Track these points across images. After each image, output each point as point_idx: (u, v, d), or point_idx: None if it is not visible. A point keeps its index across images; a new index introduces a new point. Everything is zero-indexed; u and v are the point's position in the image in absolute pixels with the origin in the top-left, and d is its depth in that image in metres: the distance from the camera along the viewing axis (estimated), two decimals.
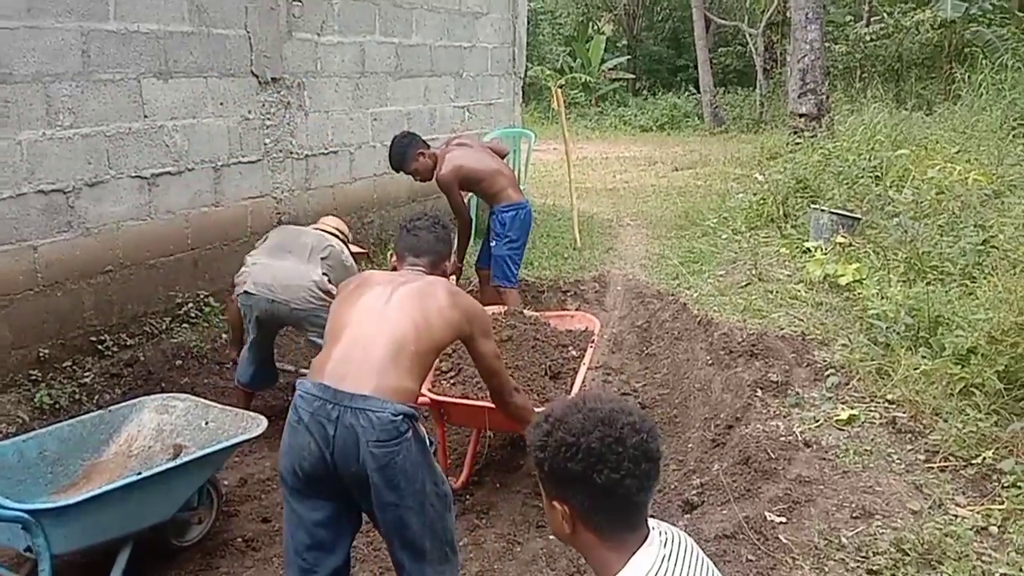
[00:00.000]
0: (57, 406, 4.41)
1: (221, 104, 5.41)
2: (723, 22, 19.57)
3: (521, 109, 9.42)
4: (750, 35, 17.71)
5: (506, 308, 4.64)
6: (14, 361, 4.42)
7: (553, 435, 1.60)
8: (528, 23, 9.33)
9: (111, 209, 4.81)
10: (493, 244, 5.37)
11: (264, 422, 3.48)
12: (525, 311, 4.56)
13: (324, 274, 4.24)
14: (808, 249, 6.28)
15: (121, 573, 3.05)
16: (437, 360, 3.70)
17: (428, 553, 2.47)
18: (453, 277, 4.75)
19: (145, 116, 4.92)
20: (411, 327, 2.45)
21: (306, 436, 2.35)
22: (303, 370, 4.87)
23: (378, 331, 2.44)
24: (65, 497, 3.09)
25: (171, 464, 3.16)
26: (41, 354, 4.53)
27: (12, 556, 3.11)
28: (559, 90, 8.66)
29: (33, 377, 4.48)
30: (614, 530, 1.61)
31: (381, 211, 7.22)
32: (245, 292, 4.19)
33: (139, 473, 3.09)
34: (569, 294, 6.53)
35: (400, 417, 2.32)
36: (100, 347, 4.82)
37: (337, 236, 4.58)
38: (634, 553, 1.60)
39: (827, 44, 12.12)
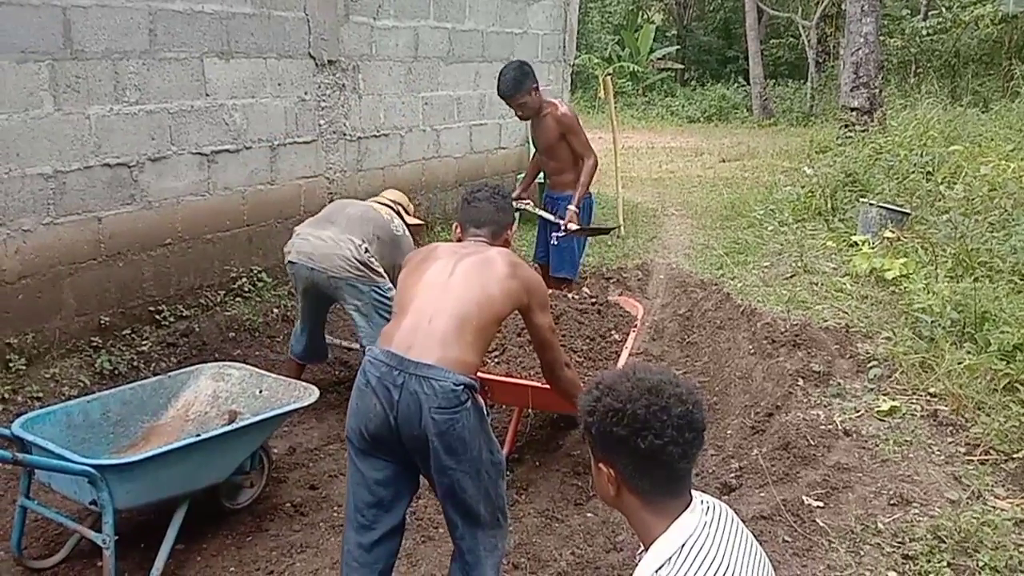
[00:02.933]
0: (116, 372, 4.60)
1: (279, 85, 5.56)
2: (776, 13, 19.34)
3: (569, 97, 9.46)
4: (803, 27, 17.49)
5: (553, 291, 4.68)
6: (77, 327, 4.62)
7: (602, 401, 1.68)
8: (578, 11, 9.34)
9: (172, 184, 4.99)
10: (560, 234, 5.10)
11: (316, 392, 3.60)
12: (569, 294, 4.63)
13: (364, 245, 4.26)
14: (855, 243, 6.26)
15: (177, 531, 3.19)
16: None
17: (481, 517, 2.58)
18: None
19: (206, 94, 5.09)
20: (473, 301, 2.55)
21: (372, 399, 2.47)
22: (349, 344, 5.01)
23: (442, 304, 2.54)
24: (127, 455, 3.25)
25: (227, 428, 3.30)
26: (102, 321, 4.73)
27: (78, 510, 3.28)
28: (608, 78, 8.68)
29: (94, 343, 4.68)
30: (657, 494, 1.69)
31: (429, 194, 7.34)
32: (289, 261, 4.31)
33: (198, 435, 3.23)
34: (612, 281, 6.58)
35: (461, 387, 2.43)
36: (158, 317, 5.01)
37: (394, 208, 4.63)
38: (676, 518, 1.68)
39: (882, 38, 11.95)
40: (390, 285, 4.29)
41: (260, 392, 3.72)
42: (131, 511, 3.17)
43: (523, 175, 5.96)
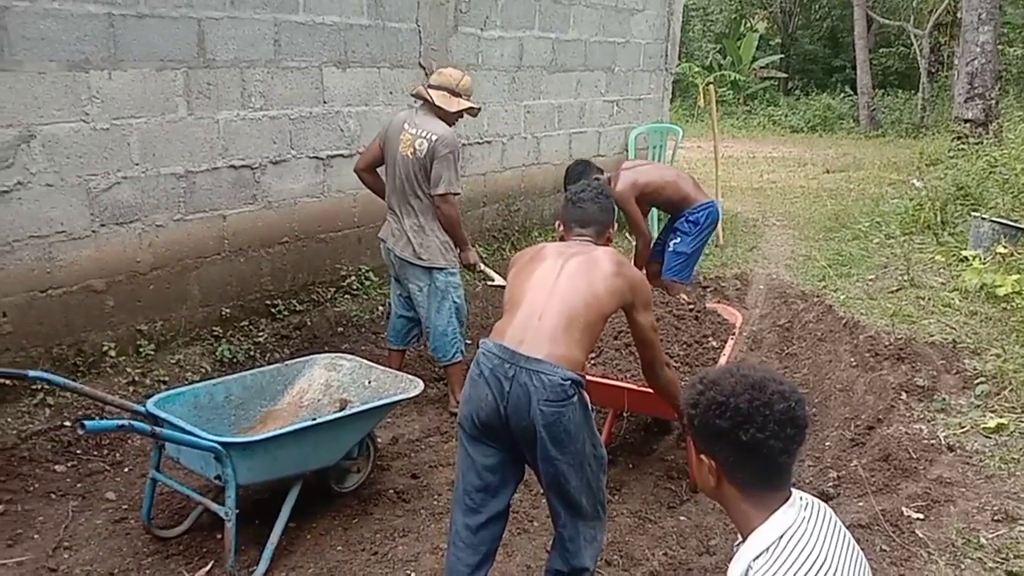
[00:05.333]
0: (235, 360, 4.90)
1: (390, 93, 5.81)
2: (886, 22, 18.77)
3: (668, 105, 9.47)
4: (915, 36, 16.93)
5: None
6: (200, 317, 4.95)
7: (705, 394, 1.75)
8: (680, 20, 9.35)
9: (290, 186, 5.28)
10: (677, 240, 5.26)
11: (420, 384, 3.76)
12: (673, 296, 4.66)
13: (425, 215, 4.36)
14: (965, 258, 6.07)
15: (290, 510, 3.41)
16: None
17: (583, 508, 2.68)
18: None
19: (324, 102, 5.37)
20: (581, 299, 2.66)
21: (485, 389, 2.60)
22: None
23: (552, 302, 2.66)
24: (250, 435, 3.49)
25: (340, 414, 3.50)
26: (223, 313, 5.04)
27: (201, 484, 3.54)
28: (709, 87, 8.65)
29: (216, 333, 4.99)
30: (756, 487, 1.74)
31: (527, 200, 7.48)
32: (380, 240, 4.55)
33: (313, 419, 3.44)
34: (709, 290, 6.57)
35: (568, 382, 2.54)
36: (273, 310, 5.31)
37: (435, 104, 4.45)
38: (775, 511, 1.73)
39: (1000, 47, 11.48)
40: (456, 270, 4.47)
41: (369, 383, 3.90)
42: (249, 487, 3.39)
43: None
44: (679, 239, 5.26)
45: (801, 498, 1.78)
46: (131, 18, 4.29)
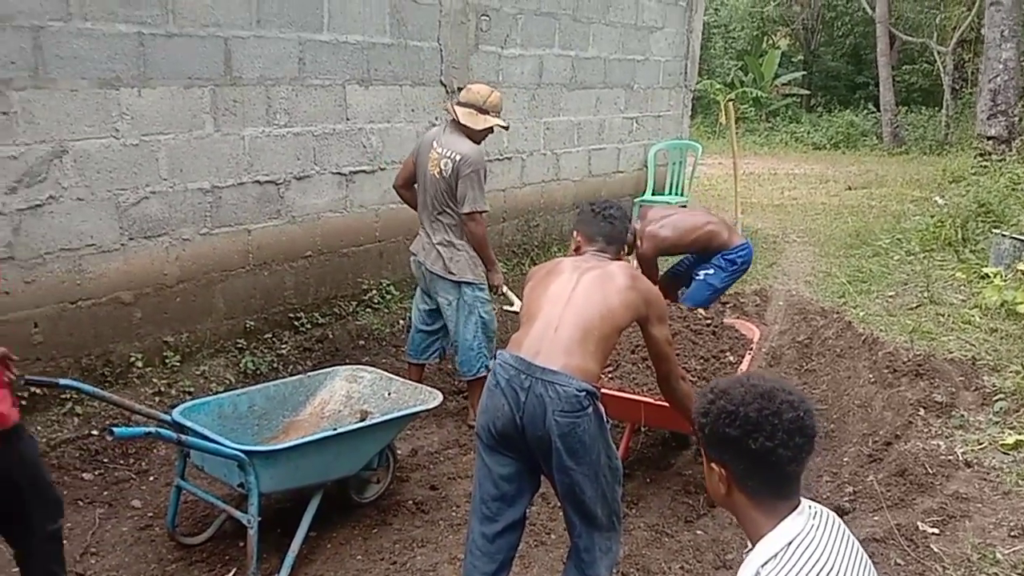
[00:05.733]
0: (258, 372, 4.98)
1: (412, 110, 5.90)
2: (909, 39, 18.71)
3: (688, 122, 9.52)
4: (939, 52, 16.87)
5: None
6: (225, 329, 5.04)
7: (716, 403, 1.78)
8: (700, 38, 9.41)
9: (314, 201, 5.38)
10: (710, 272, 5.00)
11: (439, 396, 3.82)
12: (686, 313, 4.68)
13: (451, 234, 4.44)
14: (986, 275, 6.06)
15: (311, 519, 3.46)
16: None
17: (598, 519, 2.72)
18: None
19: (347, 119, 5.47)
20: (596, 312, 2.72)
21: (501, 399, 2.66)
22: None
23: (567, 315, 2.72)
24: (273, 444, 3.56)
25: (360, 424, 3.57)
26: (247, 325, 5.13)
27: (225, 493, 3.60)
28: (729, 104, 8.69)
29: (240, 345, 5.08)
30: (765, 495, 1.77)
31: (547, 215, 7.55)
32: (411, 253, 4.63)
33: (335, 429, 3.50)
34: (728, 305, 6.57)
35: (583, 393, 2.59)
36: (296, 323, 5.40)
37: (461, 123, 4.49)
38: (784, 518, 1.76)
39: (1023, 64, 11.44)
40: (484, 286, 4.52)
41: (389, 394, 3.97)
42: (272, 496, 3.45)
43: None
44: (712, 272, 5.03)
45: (810, 507, 1.81)
46: (160, 37, 4.41)
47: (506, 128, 4.67)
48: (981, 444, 3.73)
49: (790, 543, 1.71)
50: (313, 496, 3.48)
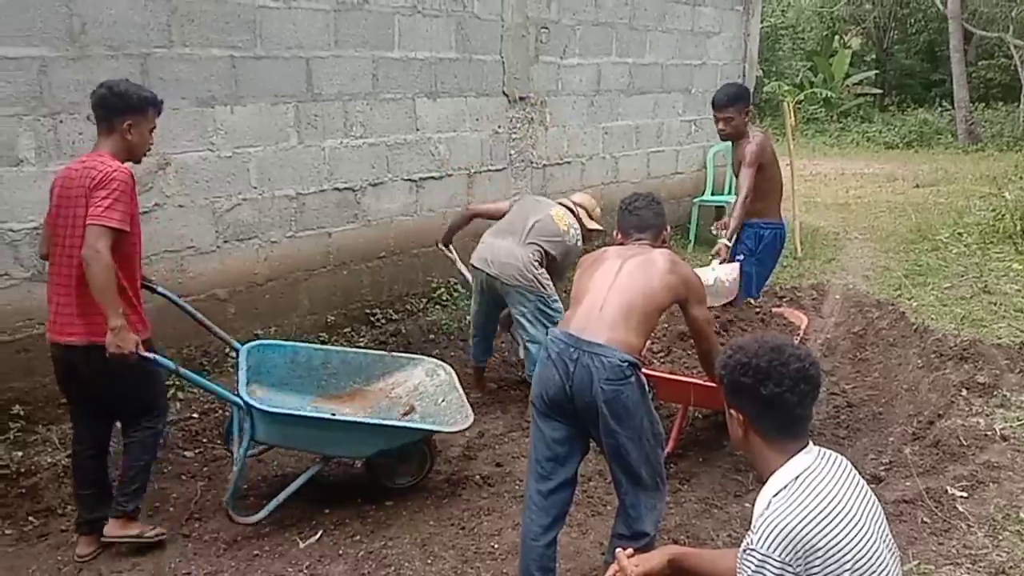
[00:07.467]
0: None
1: (477, 120, 6.30)
2: (985, 34, 18.30)
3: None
4: (1015, 47, 16.49)
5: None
6: (309, 324, 5.50)
7: (733, 357, 2.08)
8: (767, 38, 9.55)
9: (387, 206, 5.82)
10: (739, 259, 5.00)
11: (470, 420, 3.97)
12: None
13: (535, 260, 4.75)
14: None
15: (300, 484, 3.71)
16: (648, 342, 4.21)
17: (643, 479, 3.00)
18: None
19: (417, 129, 5.90)
20: (639, 293, 3.01)
21: (552, 370, 2.97)
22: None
23: (612, 295, 3.02)
24: (318, 404, 3.93)
25: (356, 418, 3.80)
26: (328, 320, 5.59)
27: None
28: (787, 105, 8.83)
29: (322, 338, 5.53)
30: (776, 435, 2.04)
31: (606, 217, 7.76)
32: (472, 265, 4.92)
33: (332, 414, 3.77)
34: (784, 299, 6.73)
35: (626, 364, 2.88)
36: (372, 319, 5.84)
37: (575, 212, 5.06)
38: (792, 456, 2.03)
39: None
40: (556, 297, 4.80)
41: (440, 402, 4.13)
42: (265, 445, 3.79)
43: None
44: (741, 256, 5.04)
45: (820, 448, 2.08)
46: (249, 59, 4.90)
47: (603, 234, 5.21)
48: (1020, 421, 3.87)
49: (798, 476, 1.98)
50: (315, 463, 3.80)
